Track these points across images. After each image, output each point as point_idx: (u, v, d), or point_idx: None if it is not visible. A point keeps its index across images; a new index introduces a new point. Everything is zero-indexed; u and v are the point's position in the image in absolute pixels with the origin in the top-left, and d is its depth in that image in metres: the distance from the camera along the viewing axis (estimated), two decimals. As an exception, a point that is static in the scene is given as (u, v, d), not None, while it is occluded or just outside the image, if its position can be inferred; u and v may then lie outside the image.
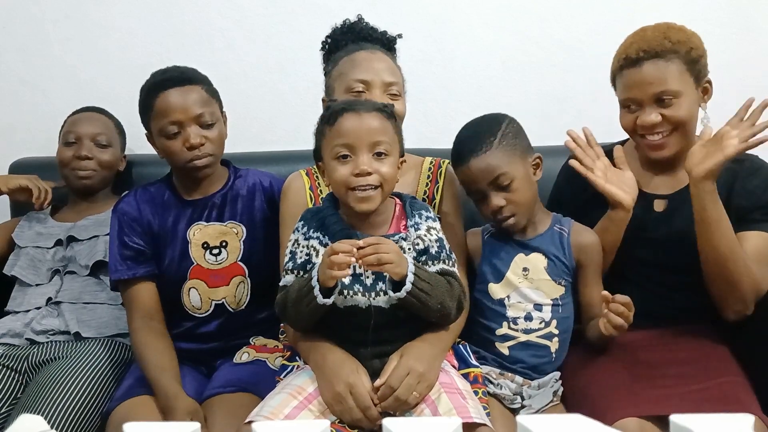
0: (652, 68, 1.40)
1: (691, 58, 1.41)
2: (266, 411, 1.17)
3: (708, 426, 0.56)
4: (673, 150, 1.44)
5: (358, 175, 1.17)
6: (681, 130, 1.42)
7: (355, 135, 1.18)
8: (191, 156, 1.48)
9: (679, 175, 1.51)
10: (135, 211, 1.54)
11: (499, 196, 1.38)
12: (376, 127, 1.19)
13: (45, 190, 1.79)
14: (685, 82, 1.40)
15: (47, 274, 1.71)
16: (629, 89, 1.43)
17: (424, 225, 1.25)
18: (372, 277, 1.22)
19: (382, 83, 1.41)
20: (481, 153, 1.37)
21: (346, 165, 1.18)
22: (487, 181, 1.38)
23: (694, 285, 1.46)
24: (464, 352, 1.41)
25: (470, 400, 1.22)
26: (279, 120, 2.11)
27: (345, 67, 1.43)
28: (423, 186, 1.51)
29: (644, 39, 1.43)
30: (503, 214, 1.39)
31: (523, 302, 1.42)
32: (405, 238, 1.23)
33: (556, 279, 1.43)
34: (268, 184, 1.60)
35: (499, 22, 2.07)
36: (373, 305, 1.22)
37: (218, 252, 1.53)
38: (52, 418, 1.35)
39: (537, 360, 1.43)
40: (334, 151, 1.19)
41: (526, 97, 2.07)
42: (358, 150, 1.18)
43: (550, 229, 1.46)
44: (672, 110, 1.40)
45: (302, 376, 1.26)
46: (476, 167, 1.37)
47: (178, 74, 1.50)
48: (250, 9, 2.08)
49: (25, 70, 2.10)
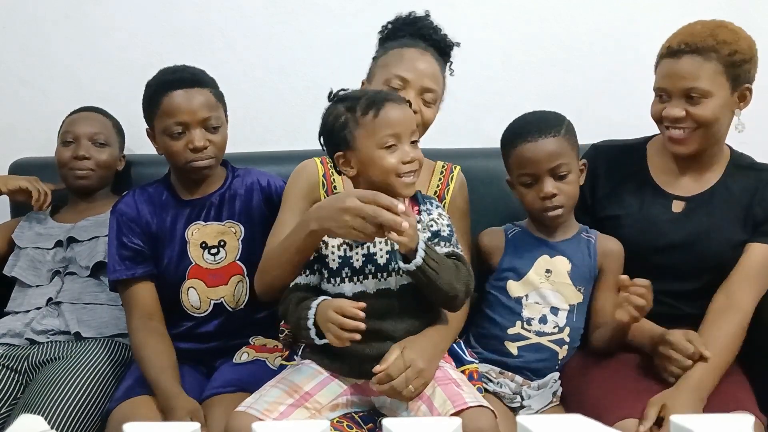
0: (688, 63, 1.38)
1: (731, 61, 1.37)
2: (261, 406, 1.17)
3: (708, 426, 0.56)
4: (692, 147, 1.43)
5: (407, 163, 1.21)
6: (704, 129, 1.40)
7: (401, 125, 1.22)
8: (193, 157, 1.48)
9: (703, 178, 1.49)
10: (133, 211, 1.54)
11: (553, 183, 1.39)
12: (411, 116, 1.26)
13: (44, 193, 1.79)
14: (718, 84, 1.38)
15: (47, 275, 1.71)
16: (662, 79, 1.43)
17: (435, 211, 1.30)
18: (386, 256, 1.23)
19: (420, 87, 1.42)
20: (549, 136, 1.39)
21: (394, 154, 1.21)
22: (548, 166, 1.39)
23: (701, 292, 1.45)
24: (458, 350, 1.41)
25: (464, 386, 1.23)
26: (279, 120, 2.11)
27: (392, 60, 1.44)
28: (434, 187, 1.52)
29: (691, 32, 1.41)
30: (553, 202, 1.40)
31: (541, 303, 1.43)
32: (419, 220, 1.25)
33: (577, 285, 1.44)
34: (266, 183, 1.60)
35: (499, 22, 2.06)
36: (381, 289, 1.23)
37: (216, 251, 1.53)
38: (52, 418, 1.35)
39: (542, 364, 1.43)
40: (382, 140, 1.21)
41: (526, 97, 2.07)
42: (403, 138, 1.22)
43: (577, 235, 1.48)
44: (698, 108, 1.38)
45: (299, 374, 1.26)
46: (543, 148, 1.39)
47: (188, 76, 1.50)
48: (250, 9, 2.08)
49: (25, 70, 2.10)
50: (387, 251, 1.24)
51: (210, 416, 1.32)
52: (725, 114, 1.41)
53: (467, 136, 2.02)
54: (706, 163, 1.49)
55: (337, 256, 1.26)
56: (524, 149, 1.41)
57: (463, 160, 1.62)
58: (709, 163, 1.49)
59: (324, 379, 1.26)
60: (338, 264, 1.25)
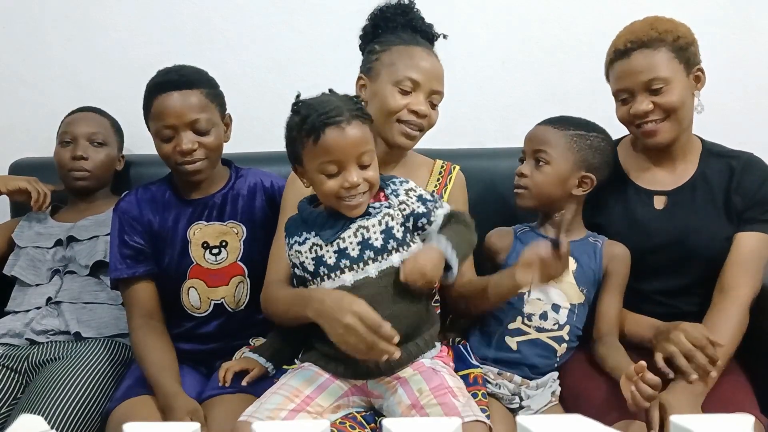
0: (641, 57, 1.42)
1: (678, 46, 1.42)
2: (263, 414, 1.17)
3: (707, 426, 0.56)
4: (667, 137, 1.45)
5: (349, 188, 1.18)
6: (674, 116, 1.43)
7: (341, 152, 1.17)
8: (181, 160, 1.47)
9: (678, 170, 1.51)
10: (135, 210, 1.54)
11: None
12: (359, 138, 1.18)
13: (44, 193, 1.79)
14: (674, 69, 1.42)
15: (47, 274, 1.71)
16: (620, 80, 1.46)
17: (401, 189, 1.25)
18: (358, 248, 1.22)
19: (429, 90, 1.40)
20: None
21: (335, 179, 1.18)
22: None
23: (696, 288, 1.46)
24: (464, 352, 1.41)
25: (461, 397, 1.19)
26: (279, 120, 2.09)
27: (399, 58, 1.40)
28: (432, 186, 1.52)
29: (632, 31, 1.46)
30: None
31: (543, 300, 1.43)
32: (389, 206, 1.23)
33: (581, 286, 1.45)
34: (269, 184, 1.60)
35: (499, 22, 2.07)
36: (360, 278, 1.22)
37: (218, 252, 1.52)
38: (52, 418, 1.35)
39: (541, 360, 1.43)
40: (322, 167, 1.18)
41: (526, 97, 2.07)
42: (346, 164, 1.18)
43: (584, 238, 1.50)
44: (663, 97, 1.41)
45: (299, 377, 1.26)
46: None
47: (177, 77, 1.48)
48: (250, 9, 2.08)
49: (25, 70, 2.10)
50: (358, 242, 1.22)
51: (210, 416, 1.32)
52: (688, 97, 1.45)
53: (467, 136, 2.02)
54: (678, 154, 1.51)
55: (310, 258, 1.26)
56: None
57: (463, 160, 1.62)
58: (681, 153, 1.51)
59: (324, 382, 1.25)
60: (313, 265, 1.25)
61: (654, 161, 1.54)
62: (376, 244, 1.21)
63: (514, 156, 1.57)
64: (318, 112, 1.18)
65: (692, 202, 1.49)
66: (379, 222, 1.22)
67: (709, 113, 1.48)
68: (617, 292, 1.46)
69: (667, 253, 1.47)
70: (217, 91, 1.54)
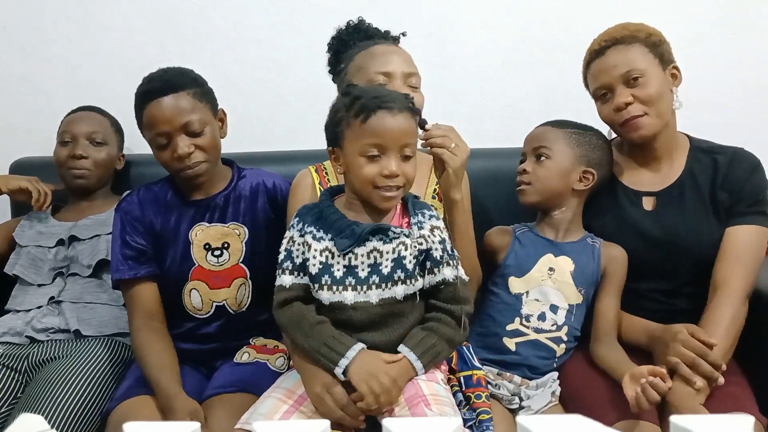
0: (615, 53, 1.45)
1: (651, 42, 1.45)
2: (257, 419, 1.16)
3: (707, 427, 0.56)
4: (650, 129, 1.45)
5: (387, 177, 1.17)
6: (654, 108, 1.44)
7: (388, 136, 1.16)
8: (182, 166, 1.46)
9: (664, 170, 1.52)
10: (138, 210, 1.53)
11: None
12: (406, 129, 1.18)
13: (45, 193, 1.79)
14: (649, 62, 1.44)
15: (49, 274, 1.71)
16: (598, 77, 1.48)
17: (427, 224, 1.23)
18: (367, 270, 1.21)
19: (402, 74, 1.42)
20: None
21: (375, 164, 1.17)
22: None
23: (692, 286, 1.46)
24: (467, 354, 1.41)
25: (434, 405, 1.15)
26: (279, 120, 2.11)
27: (364, 61, 1.43)
28: (433, 184, 1.52)
29: (606, 32, 1.50)
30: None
31: (541, 300, 1.44)
32: (408, 234, 1.21)
33: (579, 286, 1.45)
34: (272, 185, 1.59)
35: (499, 22, 2.07)
36: (360, 301, 1.20)
37: (220, 253, 1.52)
38: (52, 418, 1.35)
39: (540, 361, 1.44)
40: (364, 149, 1.17)
41: (526, 97, 2.07)
42: (388, 151, 1.17)
43: (582, 239, 1.50)
44: (641, 89, 1.43)
45: (291, 379, 1.26)
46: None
47: (161, 84, 1.44)
48: (250, 9, 2.08)
49: (25, 70, 2.10)
50: (369, 264, 1.20)
51: (210, 416, 1.32)
52: (666, 91, 1.46)
53: (467, 136, 2.01)
54: (664, 153, 1.51)
55: (318, 262, 1.22)
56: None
57: (463, 160, 1.61)
58: (667, 152, 1.51)
59: None
60: (318, 270, 1.22)
61: (641, 162, 1.54)
62: (384, 271, 1.20)
63: (514, 156, 1.57)
64: (371, 95, 1.18)
65: (680, 201, 1.49)
66: (393, 250, 1.20)
67: (710, 113, 1.49)
68: (615, 292, 1.47)
69: (658, 253, 1.47)
70: (205, 89, 1.51)
